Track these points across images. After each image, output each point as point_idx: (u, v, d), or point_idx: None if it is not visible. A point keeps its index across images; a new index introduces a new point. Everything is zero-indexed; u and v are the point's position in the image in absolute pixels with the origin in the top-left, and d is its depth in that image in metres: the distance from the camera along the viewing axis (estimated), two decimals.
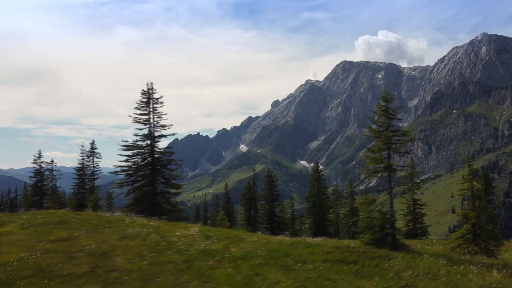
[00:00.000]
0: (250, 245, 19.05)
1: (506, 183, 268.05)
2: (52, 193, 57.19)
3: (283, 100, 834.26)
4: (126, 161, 34.25)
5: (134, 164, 34.85)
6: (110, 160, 59.97)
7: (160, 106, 35.74)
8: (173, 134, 37.16)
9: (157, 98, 35.47)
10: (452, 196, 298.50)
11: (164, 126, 35.68)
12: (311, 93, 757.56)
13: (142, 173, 35.28)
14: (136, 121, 35.41)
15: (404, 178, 50.81)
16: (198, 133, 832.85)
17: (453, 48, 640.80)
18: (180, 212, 37.09)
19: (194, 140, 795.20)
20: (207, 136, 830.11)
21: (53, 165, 59.06)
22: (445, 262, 17.66)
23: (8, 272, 13.19)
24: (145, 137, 35.25)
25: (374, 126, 22.85)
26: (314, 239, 25.41)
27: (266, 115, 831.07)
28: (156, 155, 35.56)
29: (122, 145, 34.63)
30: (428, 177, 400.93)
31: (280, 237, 25.46)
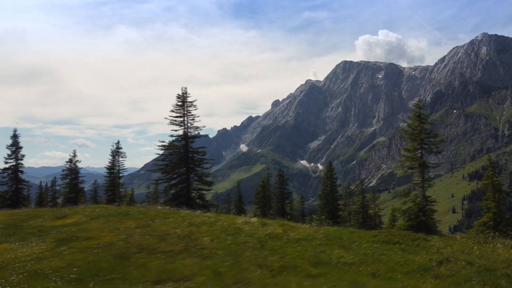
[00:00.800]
0: (304, 231, 21.02)
1: (507, 183, 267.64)
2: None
3: (283, 100, 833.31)
4: (162, 160, 35.90)
5: (170, 163, 37.24)
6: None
7: (194, 109, 38.51)
8: (206, 135, 40.03)
9: (190, 102, 37.97)
10: (453, 196, 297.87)
11: (197, 128, 38.30)
12: (311, 93, 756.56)
13: (177, 171, 37.57)
14: (172, 123, 37.85)
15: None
16: (199, 132, 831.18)
17: (454, 48, 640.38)
18: (212, 208, 38.93)
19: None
20: (207, 136, 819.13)
21: (71, 164, 60.07)
22: (474, 242, 20.82)
23: (119, 249, 15.15)
24: (180, 137, 37.94)
25: (408, 129, 25.94)
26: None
27: (266, 115, 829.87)
28: (189, 155, 37.96)
29: (158, 145, 37.77)
30: (428, 177, 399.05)
31: (324, 227, 27.60)
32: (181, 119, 38.02)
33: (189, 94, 36.84)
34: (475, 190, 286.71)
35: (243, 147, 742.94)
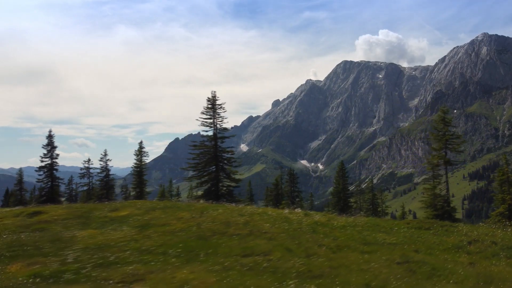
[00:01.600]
0: (344, 220, 23.23)
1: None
2: (88, 190, 60.77)
3: (284, 99, 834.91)
4: (193, 159, 38.12)
5: (201, 162, 40.17)
6: (112, 160, 63.01)
7: (223, 112, 39.82)
8: (233, 136, 41.89)
9: (219, 105, 39.11)
10: (453, 196, 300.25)
11: (225, 129, 39.81)
12: (312, 93, 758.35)
13: (208, 169, 40.42)
14: (203, 124, 41.05)
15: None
16: (199, 132, 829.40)
17: (454, 48, 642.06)
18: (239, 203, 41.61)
19: (195, 140, 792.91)
20: (207, 135, 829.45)
21: (89, 163, 62.08)
22: (496, 228, 23.48)
23: (196, 233, 17.30)
24: (210, 138, 39.16)
25: (434, 131, 31.32)
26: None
27: (267, 114, 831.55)
28: (218, 154, 40.50)
29: (190, 145, 40.45)
30: (428, 177, 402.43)
31: (359, 217, 30.03)
32: (211, 120, 40.59)
33: (218, 97, 39.30)
34: (475, 190, 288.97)
35: (244, 147, 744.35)
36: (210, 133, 40.97)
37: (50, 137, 49.15)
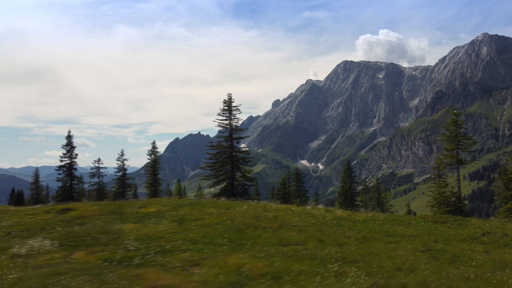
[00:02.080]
0: (364, 215, 24.80)
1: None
2: (98, 189, 62.20)
3: (284, 99, 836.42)
4: (210, 159, 39.69)
5: (218, 161, 42.05)
6: (112, 160, 64.77)
7: (238, 113, 41.34)
8: (248, 136, 42.79)
9: (235, 107, 40.54)
10: None
11: (241, 130, 41.15)
12: (312, 93, 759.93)
13: (224, 168, 42.01)
14: (219, 125, 42.52)
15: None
16: (199, 132, 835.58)
17: (454, 48, 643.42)
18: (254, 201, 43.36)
19: (195, 140, 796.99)
20: (208, 135, 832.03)
21: (99, 163, 63.09)
22: (506, 222, 25.41)
23: (231, 226, 18.84)
24: (226, 138, 40.80)
25: (446, 132, 33.23)
26: None
27: (267, 114, 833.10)
28: (234, 153, 42.18)
29: (207, 145, 41.75)
30: (429, 176, 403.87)
31: (377, 213, 31.82)
32: (227, 122, 42.09)
33: (233, 99, 40.87)
34: (475, 190, 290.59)
35: (244, 147, 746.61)
36: (215, 133, 42.71)
37: (69, 137, 50.72)
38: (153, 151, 60.29)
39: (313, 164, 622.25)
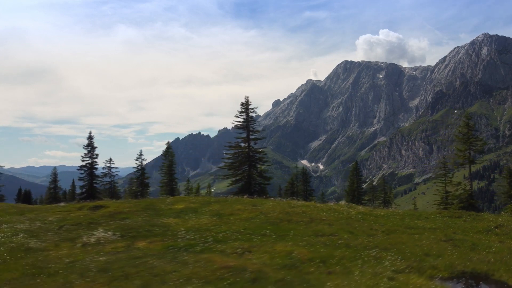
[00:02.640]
0: (384, 211, 26.75)
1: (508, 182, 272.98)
2: (110, 188, 63.70)
3: (284, 99, 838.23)
4: (228, 158, 41.50)
5: (235, 161, 43.54)
6: (113, 160, 66.43)
7: (255, 115, 43.04)
8: (264, 138, 44.78)
9: (252, 109, 42.50)
10: None
11: (257, 131, 42.98)
12: (312, 93, 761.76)
13: (242, 168, 44.21)
14: (237, 127, 44.97)
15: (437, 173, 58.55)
16: (199, 132, 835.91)
17: (454, 48, 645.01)
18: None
19: (195, 140, 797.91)
20: (208, 135, 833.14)
21: (111, 163, 64.74)
22: None
23: (267, 220, 20.65)
24: (244, 139, 42.38)
25: (459, 134, 37.50)
26: None
27: (267, 114, 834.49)
28: (251, 154, 44.55)
29: (225, 146, 43.36)
30: (429, 176, 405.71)
31: (395, 209, 34.25)
32: (244, 123, 44.00)
33: (250, 102, 42.75)
34: (476, 190, 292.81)
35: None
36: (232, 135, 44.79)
37: (90, 138, 52.47)
38: (168, 151, 62.01)
39: (313, 164, 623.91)
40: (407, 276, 11.63)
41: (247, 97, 43.53)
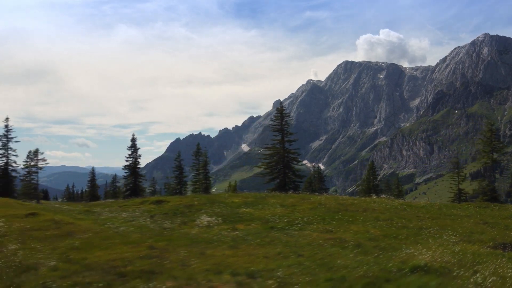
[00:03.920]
0: (421, 203, 31.46)
1: (508, 183, 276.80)
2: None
3: (285, 100, 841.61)
4: (265, 159, 45.53)
5: (271, 161, 46.07)
6: (112, 159, 71.31)
7: (289, 119, 47.13)
8: (296, 140, 49.13)
9: (286, 114, 46.53)
10: None
11: (291, 134, 47.06)
12: (313, 93, 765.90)
13: (277, 167, 48.32)
14: (273, 130, 46.98)
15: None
16: (200, 132, 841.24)
17: (455, 48, 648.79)
18: None
19: (196, 140, 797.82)
20: (208, 135, 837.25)
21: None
22: None
23: (326, 209, 24.31)
24: (279, 141, 46.36)
25: (483, 137, 39.72)
26: None
27: (268, 114, 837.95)
28: (286, 154, 46.65)
29: (263, 147, 47.03)
30: (430, 176, 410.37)
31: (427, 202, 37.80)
32: (279, 127, 48.01)
33: (285, 107, 47.14)
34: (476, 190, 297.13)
35: (245, 147, 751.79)
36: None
37: (133, 139, 56.82)
38: (198, 151, 66.15)
39: (314, 164, 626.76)
40: (464, 245, 15.72)
41: (282, 103, 48.07)
